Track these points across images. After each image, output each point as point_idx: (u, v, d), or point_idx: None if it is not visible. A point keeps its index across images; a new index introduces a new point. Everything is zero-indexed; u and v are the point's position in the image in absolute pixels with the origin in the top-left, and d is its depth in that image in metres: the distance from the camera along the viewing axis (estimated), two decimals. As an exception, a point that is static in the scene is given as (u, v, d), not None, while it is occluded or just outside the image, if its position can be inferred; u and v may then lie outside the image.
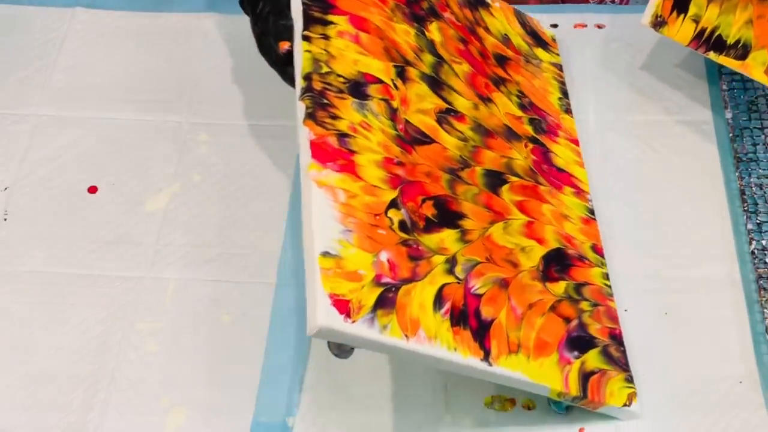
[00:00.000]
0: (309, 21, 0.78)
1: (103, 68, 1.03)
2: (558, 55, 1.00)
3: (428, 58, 0.85)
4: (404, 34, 0.84)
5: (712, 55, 0.91)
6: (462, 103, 0.85)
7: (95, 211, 0.93)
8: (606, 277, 0.85)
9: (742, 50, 0.90)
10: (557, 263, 0.82)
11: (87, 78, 1.03)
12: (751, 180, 0.91)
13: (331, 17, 0.80)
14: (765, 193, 0.91)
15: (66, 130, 0.98)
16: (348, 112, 0.75)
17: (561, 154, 0.91)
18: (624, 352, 0.81)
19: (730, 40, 0.91)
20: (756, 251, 0.87)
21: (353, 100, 0.76)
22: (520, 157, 0.87)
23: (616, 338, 0.82)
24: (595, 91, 1.00)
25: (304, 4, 0.79)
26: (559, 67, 0.99)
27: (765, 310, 0.83)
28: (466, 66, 0.88)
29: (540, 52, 0.98)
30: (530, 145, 0.88)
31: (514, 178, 0.84)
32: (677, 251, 0.89)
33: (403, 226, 0.73)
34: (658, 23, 0.93)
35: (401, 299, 0.69)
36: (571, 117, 0.95)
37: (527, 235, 0.82)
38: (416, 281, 0.71)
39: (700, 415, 0.79)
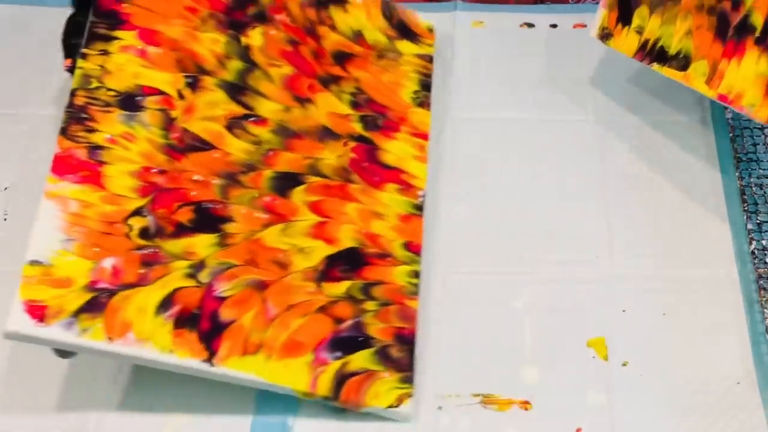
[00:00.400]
0: (91, 38, 0.83)
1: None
2: (431, 46, 0.98)
3: (235, 65, 0.87)
4: (211, 43, 0.87)
5: (655, 67, 0.89)
6: (268, 107, 0.86)
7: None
8: (414, 275, 0.83)
9: (683, 61, 0.88)
10: (346, 263, 0.81)
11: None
12: (751, 180, 0.92)
13: (117, 33, 0.84)
14: (765, 193, 0.91)
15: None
16: (110, 124, 0.79)
17: (395, 150, 0.89)
18: (410, 351, 0.79)
19: (672, 51, 0.88)
20: (756, 251, 0.87)
21: (120, 113, 0.80)
22: (332, 156, 0.86)
23: (404, 338, 0.80)
24: (595, 91, 1.00)
25: (90, 21, 0.84)
26: (428, 58, 0.97)
27: (765, 310, 0.83)
28: (288, 69, 0.89)
29: (404, 44, 0.96)
30: (351, 144, 0.88)
31: (314, 179, 0.84)
32: (676, 251, 0.88)
33: (144, 232, 0.76)
34: (605, 35, 0.93)
35: (115, 304, 0.72)
36: (426, 110, 0.93)
37: (313, 235, 0.82)
38: (142, 286, 0.74)
39: (698, 416, 0.79)
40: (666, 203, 0.92)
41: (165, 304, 0.74)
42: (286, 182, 0.83)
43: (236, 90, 0.86)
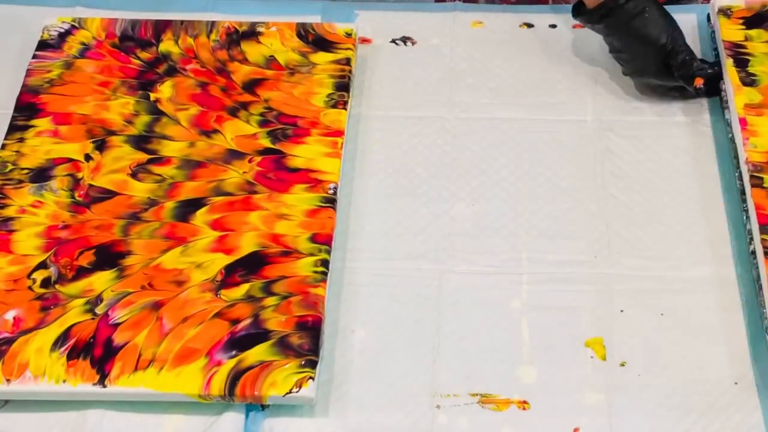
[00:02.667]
0: (10, 130, 0.92)
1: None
2: (348, 49, 0.99)
3: (143, 119, 0.93)
4: (120, 107, 0.94)
5: None
6: (173, 147, 0.91)
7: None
8: (321, 263, 0.83)
9: None
10: (245, 268, 0.82)
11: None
12: (751, 179, 0.89)
13: (33, 122, 0.93)
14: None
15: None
16: (21, 197, 0.87)
17: (304, 153, 0.90)
18: (312, 337, 0.78)
19: None
20: (756, 251, 0.84)
21: (31, 186, 0.88)
22: (237, 174, 0.88)
23: (305, 325, 0.79)
24: (594, 91, 1.00)
25: (12, 116, 0.93)
26: (345, 61, 0.98)
27: (763, 310, 0.81)
28: (195, 109, 0.93)
29: (319, 56, 0.98)
30: (257, 159, 0.90)
31: (217, 199, 0.87)
32: (674, 252, 0.88)
33: (46, 281, 0.81)
34: None
35: (15, 348, 0.77)
36: (341, 109, 0.94)
37: (213, 250, 0.83)
38: (41, 328, 0.78)
39: (696, 416, 0.78)
40: (665, 203, 0.91)
41: (60, 340, 0.78)
42: (187, 209, 0.86)
43: (142, 140, 0.91)
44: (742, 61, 0.95)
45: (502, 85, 1.01)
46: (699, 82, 0.93)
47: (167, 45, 0.99)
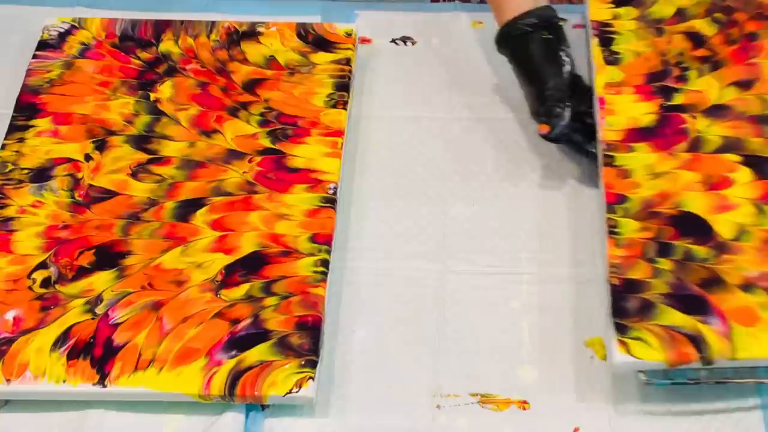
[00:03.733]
0: (9, 130, 0.92)
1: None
2: (350, 49, 0.98)
3: (143, 119, 0.93)
4: (120, 107, 0.93)
5: None
6: (173, 147, 0.90)
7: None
8: (321, 263, 0.82)
9: None
10: (245, 268, 0.82)
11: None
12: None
13: (33, 122, 0.93)
14: None
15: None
16: (21, 197, 0.87)
17: (305, 153, 0.90)
18: (312, 337, 0.78)
19: None
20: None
21: (31, 186, 0.88)
22: (237, 174, 0.88)
23: (305, 325, 0.78)
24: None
25: (12, 116, 0.93)
26: (345, 61, 0.97)
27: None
28: (195, 109, 0.93)
29: (319, 56, 0.98)
30: (257, 159, 0.89)
31: (217, 199, 0.87)
32: None
33: (46, 281, 0.81)
34: None
35: (15, 348, 0.77)
36: (341, 109, 0.93)
37: (213, 249, 0.83)
38: (40, 329, 0.78)
39: (696, 415, 0.78)
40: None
41: (60, 340, 0.78)
42: (187, 209, 0.86)
43: (142, 140, 0.91)
44: (607, 40, 0.94)
45: (502, 85, 1.00)
46: (542, 129, 0.89)
47: (167, 45, 0.99)
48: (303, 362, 0.76)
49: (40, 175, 0.89)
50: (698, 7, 0.96)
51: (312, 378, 0.76)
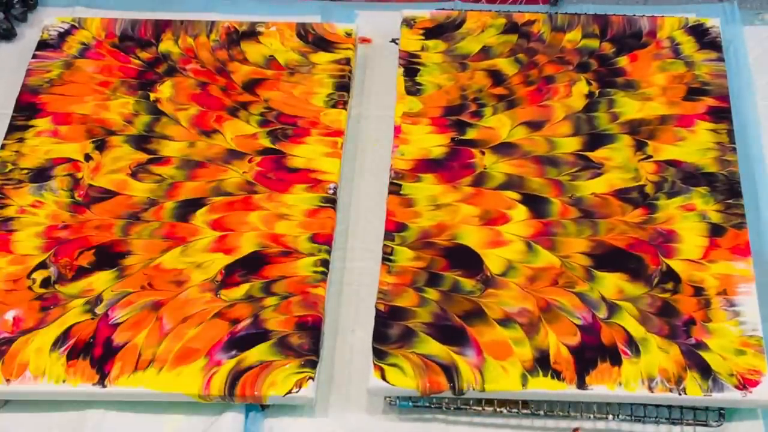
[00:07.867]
0: (9, 130, 0.92)
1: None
2: (350, 49, 0.98)
3: (143, 119, 0.93)
4: (120, 107, 0.93)
5: None
6: (173, 147, 0.90)
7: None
8: (321, 263, 0.82)
9: None
10: (245, 268, 0.82)
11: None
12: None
13: (33, 122, 0.92)
14: None
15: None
16: (21, 197, 0.87)
17: (304, 153, 0.90)
18: (313, 337, 0.78)
19: None
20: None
21: (31, 186, 0.88)
22: (237, 174, 0.88)
23: (305, 325, 0.78)
24: None
25: (12, 116, 0.93)
26: (345, 61, 0.97)
27: None
28: (195, 109, 0.93)
29: (319, 56, 0.98)
30: (257, 158, 0.89)
31: (217, 199, 0.87)
32: None
33: (46, 281, 0.81)
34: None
35: (15, 348, 0.77)
36: (341, 109, 0.93)
37: (213, 249, 0.83)
38: (40, 328, 0.78)
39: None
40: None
41: (60, 340, 0.78)
42: (187, 209, 0.86)
43: (141, 140, 0.91)
44: (412, 71, 0.96)
45: (502, 85, 1.00)
46: None
47: (167, 45, 0.99)
48: (303, 362, 0.76)
49: (40, 175, 0.89)
50: (503, 47, 0.99)
51: (312, 378, 0.76)
